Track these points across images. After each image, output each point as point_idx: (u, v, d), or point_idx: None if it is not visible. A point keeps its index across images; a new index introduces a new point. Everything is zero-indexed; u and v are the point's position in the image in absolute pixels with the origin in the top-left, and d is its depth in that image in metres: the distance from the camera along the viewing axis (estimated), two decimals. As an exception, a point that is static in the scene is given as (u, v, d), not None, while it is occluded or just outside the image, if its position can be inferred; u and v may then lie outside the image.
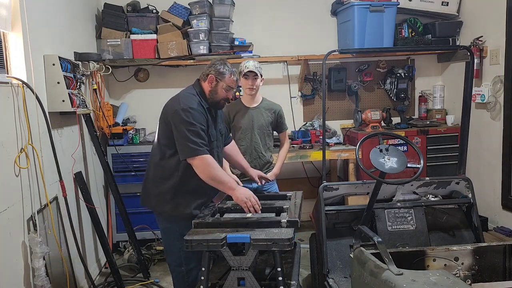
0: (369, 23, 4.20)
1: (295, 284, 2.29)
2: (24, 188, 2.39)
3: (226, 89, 2.41)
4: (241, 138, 3.06)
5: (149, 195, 2.47)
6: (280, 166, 3.14)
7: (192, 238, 2.07)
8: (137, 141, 4.21)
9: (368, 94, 4.79)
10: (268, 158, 3.12)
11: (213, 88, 2.40)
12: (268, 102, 3.17)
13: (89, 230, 3.49)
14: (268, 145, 3.13)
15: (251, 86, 2.97)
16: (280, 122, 3.16)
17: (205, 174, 2.27)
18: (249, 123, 3.06)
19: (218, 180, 2.29)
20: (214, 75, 2.38)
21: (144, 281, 3.46)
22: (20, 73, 2.49)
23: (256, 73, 2.95)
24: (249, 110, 3.07)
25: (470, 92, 2.93)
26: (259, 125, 3.06)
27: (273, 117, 3.11)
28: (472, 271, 2.21)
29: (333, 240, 2.75)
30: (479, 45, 4.07)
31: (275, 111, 3.12)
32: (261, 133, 3.07)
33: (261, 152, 3.07)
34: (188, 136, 2.21)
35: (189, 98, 2.33)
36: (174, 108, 2.28)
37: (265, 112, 3.09)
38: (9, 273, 2.20)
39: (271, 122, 3.11)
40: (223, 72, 2.38)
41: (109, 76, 4.32)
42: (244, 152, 3.05)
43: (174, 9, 4.30)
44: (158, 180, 2.40)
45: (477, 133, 4.14)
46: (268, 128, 3.11)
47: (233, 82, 2.42)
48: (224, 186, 2.32)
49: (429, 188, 2.93)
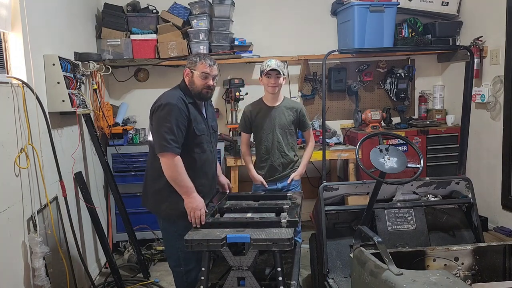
0: (369, 23, 4.20)
1: (295, 284, 2.29)
2: (24, 188, 2.39)
3: (202, 77, 2.44)
4: (263, 138, 3.04)
5: (147, 195, 2.50)
6: (305, 165, 3.13)
7: (192, 238, 2.08)
8: (137, 141, 4.21)
9: (368, 94, 4.79)
10: (292, 157, 3.09)
11: (190, 79, 2.46)
12: (290, 101, 3.15)
13: (89, 230, 3.49)
14: (291, 144, 3.09)
15: (273, 84, 2.95)
16: (302, 120, 3.13)
17: (167, 173, 2.31)
18: (271, 123, 3.03)
19: (178, 183, 2.32)
20: (188, 67, 2.47)
21: (144, 281, 3.46)
22: (20, 73, 2.49)
23: (278, 71, 2.93)
24: (271, 110, 3.05)
25: (470, 92, 2.93)
26: (281, 124, 3.04)
27: (295, 116, 3.08)
28: (472, 271, 2.20)
29: (333, 240, 2.75)
30: (479, 45, 4.07)
31: (297, 109, 3.10)
32: (283, 132, 3.04)
33: (284, 152, 3.04)
34: (160, 132, 2.27)
35: (169, 95, 2.39)
36: (154, 106, 2.37)
37: (286, 111, 3.06)
38: (9, 273, 2.20)
39: (293, 121, 3.08)
40: (194, 61, 2.46)
41: (109, 76, 4.32)
42: (266, 151, 3.04)
43: (174, 9, 4.30)
44: (153, 179, 2.43)
45: (477, 133, 4.14)
46: (291, 127, 3.08)
47: (206, 67, 2.44)
48: (181, 189, 2.33)
49: (429, 188, 2.93)
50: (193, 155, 2.42)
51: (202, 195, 2.45)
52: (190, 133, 2.38)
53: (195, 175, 2.41)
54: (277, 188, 3.06)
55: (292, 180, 3.06)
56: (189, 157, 2.40)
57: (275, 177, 3.05)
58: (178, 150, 2.29)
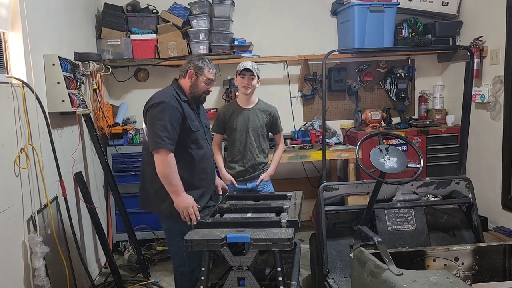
0: (369, 23, 4.20)
1: (295, 284, 2.29)
2: (24, 188, 2.39)
3: (206, 82, 2.50)
4: (235, 139, 3.05)
5: (147, 197, 2.47)
6: (274, 167, 3.15)
7: (192, 238, 2.08)
8: (137, 141, 4.21)
9: (368, 94, 4.79)
10: (263, 159, 3.11)
11: (193, 82, 2.47)
12: (264, 104, 3.15)
13: (89, 230, 3.49)
14: (263, 147, 3.11)
15: (246, 85, 2.94)
16: (275, 124, 3.15)
17: (159, 170, 2.31)
18: (244, 124, 3.04)
19: (169, 181, 2.32)
20: (194, 70, 2.46)
21: (144, 281, 3.46)
22: (20, 73, 2.49)
23: (252, 72, 2.93)
24: (244, 111, 3.05)
25: (470, 92, 2.93)
26: (254, 127, 3.04)
27: (268, 119, 3.10)
28: (472, 271, 2.20)
29: (333, 240, 2.75)
30: (479, 45, 4.07)
31: (270, 113, 3.11)
32: (255, 134, 3.06)
33: (256, 154, 3.06)
34: (154, 129, 2.28)
35: (162, 93, 2.40)
36: (147, 105, 2.36)
37: (260, 113, 3.07)
38: (9, 273, 2.20)
39: (266, 124, 3.09)
40: (202, 67, 2.47)
41: (109, 76, 4.32)
42: (238, 152, 3.05)
43: (174, 9, 4.30)
44: (151, 179, 2.41)
45: (477, 133, 4.14)
46: (263, 130, 3.09)
47: (212, 74, 2.52)
48: (171, 188, 2.33)
49: (429, 188, 2.93)
50: (191, 151, 2.43)
51: (203, 191, 2.46)
52: (185, 130, 2.39)
53: (194, 171, 2.42)
54: (247, 188, 3.08)
55: (261, 181, 3.07)
56: (186, 154, 2.41)
57: (246, 177, 3.06)
58: (172, 147, 2.29)
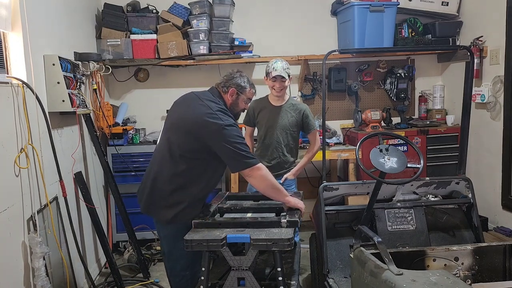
0: (369, 23, 4.20)
1: (295, 284, 2.29)
2: (24, 188, 2.39)
3: (246, 102, 2.50)
4: (263, 136, 3.05)
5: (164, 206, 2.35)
6: (300, 167, 3.11)
7: (192, 238, 2.07)
8: (137, 141, 4.21)
9: (368, 94, 4.79)
10: (289, 158, 3.08)
11: (234, 101, 2.44)
12: (294, 102, 3.13)
13: (89, 230, 3.49)
14: (291, 146, 3.08)
15: (278, 88, 2.96)
16: (306, 122, 3.09)
17: (265, 183, 2.31)
18: (273, 122, 3.03)
19: (277, 188, 2.36)
20: (236, 89, 2.42)
21: (144, 281, 3.46)
22: (20, 73, 2.48)
23: (284, 76, 2.93)
24: (274, 109, 3.05)
25: (470, 92, 2.93)
26: (282, 125, 3.03)
27: (298, 117, 3.06)
28: (472, 271, 2.20)
29: (333, 240, 2.75)
30: (479, 45, 4.07)
31: (300, 110, 3.07)
32: (283, 133, 3.04)
33: (282, 153, 3.04)
34: (240, 148, 2.22)
35: (226, 115, 2.31)
36: (217, 125, 2.21)
37: (289, 112, 3.05)
38: (9, 273, 2.20)
39: (296, 123, 3.06)
40: (244, 87, 2.44)
41: (109, 76, 4.32)
42: (265, 149, 3.04)
43: (174, 9, 4.30)
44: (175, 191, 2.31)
45: (477, 133, 4.14)
46: (292, 129, 3.06)
47: (252, 94, 2.53)
48: (281, 193, 2.36)
49: (429, 188, 2.93)
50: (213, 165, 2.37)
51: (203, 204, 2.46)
52: None
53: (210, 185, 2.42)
54: None
55: (285, 179, 3.05)
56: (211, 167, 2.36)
57: None
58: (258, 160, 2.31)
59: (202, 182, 2.35)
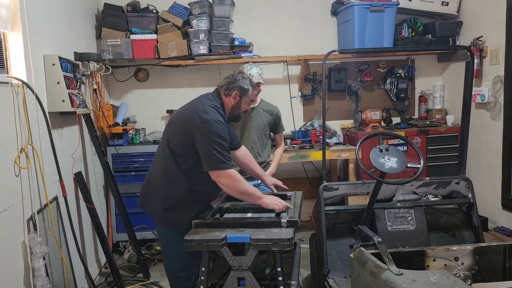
0: (369, 23, 4.20)
1: (295, 284, 2.29)
2: (24, 188, 2.39)
3: (248, 103, 2.53)
4: (239, 137, 3.08)
5: (154, 200, 2.40)
6: (275, 166, 3.22)
7: (192, 238, 2.07)
8: (137, 141, 4.21)
9: (368, 94, 4.79)
10: (265, 158, 3.20)
11: (236, 103, 2.45)
12: (266, 104, 3.23)
13: (89, 230, 3.49)
14: (265, 145, 3.20)
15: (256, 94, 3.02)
16: (277, 123, 3.25)
17: (234, 190, 2.30)
18: (247, 124, 3.11)
19: (247, 193, 2.33)
20: (239, 92, 2.42)
21: (144, 281, 3.46)
22: (20, 73, 2.48)
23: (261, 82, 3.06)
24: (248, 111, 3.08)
25: (470, 92, 2.93)
26: (257, 126, 3.13)
27: (271, 119, 3.19)
28: (472, 271, 2.20)
29: (333, 240, 2.75)
30: (479, 45, 4.07)
31: (273, 112, 3.20)
32: (258, 133, 3.14)
33: (258, 152, 3.14)
34: (217, 148, 2.20)
35: (216, 112, 2.31)
36: (202, 118, 2.22)
37: (263, 113, 3.16)
38: (9, 273, 2.20)
39: (269, 123, 3.18)
40: (247, 89, 2.45)
41: (109, 76, 4.32)
42: None
43: (174, 9, 4.30)
44: (165, 185, 2.35)
45: (477, 133, 4.14)
46: (266, 129, 3.18)
47: (254, 95, 2.55)
48: (253, 197, 2.34)
49: (429, 188, 2.93)
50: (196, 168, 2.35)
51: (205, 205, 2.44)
52: None
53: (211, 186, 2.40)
54: None
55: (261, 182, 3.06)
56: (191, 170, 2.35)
57: (247, 175, 3.07)
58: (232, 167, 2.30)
59: (189, 183, 2.33)
